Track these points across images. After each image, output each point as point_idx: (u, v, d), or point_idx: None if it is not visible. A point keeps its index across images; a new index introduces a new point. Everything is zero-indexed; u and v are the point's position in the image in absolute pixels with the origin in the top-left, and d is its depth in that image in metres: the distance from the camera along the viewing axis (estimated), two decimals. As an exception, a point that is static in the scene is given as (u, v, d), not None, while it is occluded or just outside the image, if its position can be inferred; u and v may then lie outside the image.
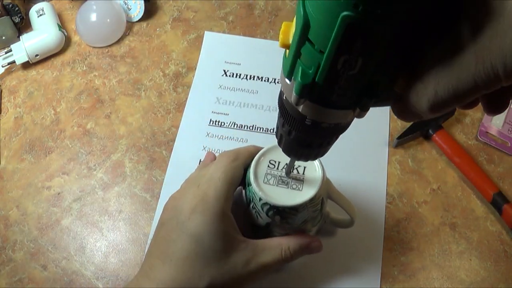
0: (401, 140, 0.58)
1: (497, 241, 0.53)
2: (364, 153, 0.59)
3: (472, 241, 0.53)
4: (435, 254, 0.53)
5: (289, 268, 0.51)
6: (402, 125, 0.61)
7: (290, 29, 0.24)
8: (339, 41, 0.19)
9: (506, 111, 0.60)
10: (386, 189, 0.56)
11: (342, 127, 0.28)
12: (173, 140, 0.60)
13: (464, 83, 0.19)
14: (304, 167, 0.45)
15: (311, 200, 0.43)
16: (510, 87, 0.23)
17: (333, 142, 0.32)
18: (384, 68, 0.22)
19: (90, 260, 0.53)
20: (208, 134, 0.61)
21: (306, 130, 0.28)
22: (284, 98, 0.28)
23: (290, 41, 0.24)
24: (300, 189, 0.43)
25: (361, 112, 0.25)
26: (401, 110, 0.24)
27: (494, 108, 0.25)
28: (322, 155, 0.34)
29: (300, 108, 0.26)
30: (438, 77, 0.20)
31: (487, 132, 0.60)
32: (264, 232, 0.48)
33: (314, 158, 0.35)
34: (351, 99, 0.24)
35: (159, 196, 0.56)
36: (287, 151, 0.34)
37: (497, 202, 0.53)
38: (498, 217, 0.54)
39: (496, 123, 0.60)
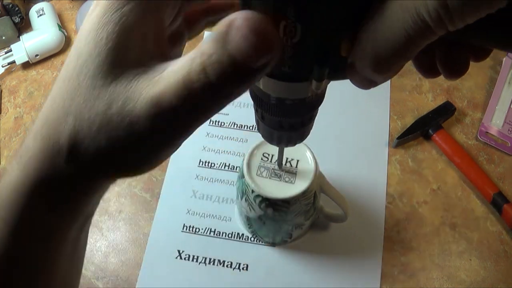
0: (401, 140, 0.58)
1: (497, 241, 0.53)
2: (364, 153, 0.59)
3: (472, 241, 0.53)
4: (435, 254, 0.53)
5: (289, 268, 0.51)
6: (402, 125, 0.61)
7: None
8: (272, 7, 0.20)
9: (506, 111, 0.61)
10: (386, 189, 0.56)
11: (308, 104, 0.28)
12: (173, 140, 0.60)
13: (397, 36, 0.19)
14: (297, 161, 0.45)
15: (304, 193, 0.43)
16: (460, 44, 0.23)
17: (308, 124, 0.32)
18: (325, 34, 0.22)
19: (90, 260, 0.53)
20: (208, 134, 0.61)
21: (274, 109, 0.29)
22: None
23: None
24: (293, 182, 0.44)
25: (317, 83, 0.25)
26: (354, 78, 0.24)
27: (451, 69, 0.23)
28: (300, 138, 0.34)
29: (261, 85, 0.27)
30: (374, 34, 0.20)
31: (487, 132, 0.60)
32: (257, 224, 0.49)
33: (293, 142, 0.34)
34: (302, 69, 0.24)
35: (159, 196, 0.56)
36: (264, 136, 0.35)
37: (497, 202, 0.53)
38: (498, 217, 0.54)
39: (496, 123, 0.60)
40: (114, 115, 0.20)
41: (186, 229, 0.54)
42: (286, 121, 0.31)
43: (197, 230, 0.54)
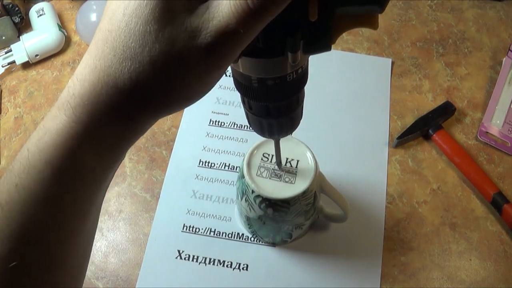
0: (401, 140, 0.58)
1: (497, 241, 0.53)
2: (364, 153, 0.59)
3: (472, 241, 0.53)
4: (435, 254, 0.53)
5: (289, 268, 0.51)
6: (402, 125, 0.61)
7: None
8: None
9: (506, 111, 0.61)
10: (386, 189, 0.56)
11: (290, 84, 0.28)
12: (173, 140, 0.60)
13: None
14: (297, 161, 0.45)
15: (304, 193, 0.43)
16: None
17: (296, 109, 0.32)
18: (291, 2, 0.22)
19: (90, 260, 0.53)
20: (208, 134, 0.61)
21: (258, 93, 0.29)
22: (231, 67, 0.29)
23: None
24: (293, 182, 0.44)
25: (293, 55, 0.25)
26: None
27: None
28: (290, 127, 0.34)
29: (241, 68, 0.27)
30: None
31: (487, 132, 0.60)
32: (257, 224, 0.49)
33: (285, 132, 0.34)
34: (274, 41, 0.24)
35: (159, 196, 0.56)
36: (255, 128, 0.34)
37: (497, 202, 0.53)
38: (498, 217, 0.54)
39: (496, 123, 0.60)
40: (179, 53, 0.22)
41: (186, 229, 0.54)
42: (273, 106, 0.30)
43: (197, 230, 0.54)
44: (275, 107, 0.31)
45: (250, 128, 0.63)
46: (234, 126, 0.61)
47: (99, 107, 0.24)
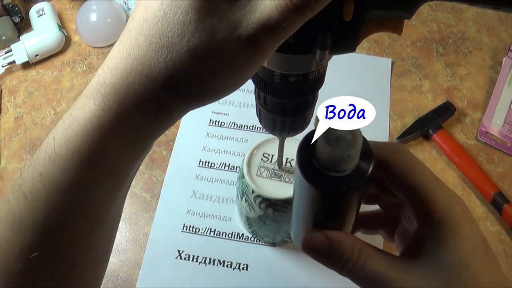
0: (401, 140, 0.58)
1: (497, 241, 0.53)
2: (364, 153, 0.59)
3: (472, 241, 0.53)
4: (435, 254, 0.52)
5: (289, 268, 0.51)
6: (402, 125, 0.61)
7: None
8: None
9: (506, 111, 0.61)
10: (386, 189, 0.56)
11: (311, 83, 0.29)
12: (173, 140, 0.60)
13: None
14: None
15: None
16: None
17: (311, 107, 0.32)
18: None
19: (90, 260, 0.53)
20: (208, 134, 0.61)
21: (278, 89, 0.29)
22: None
23: None
24: (293, 182, 0.44)
25: (321, 53, 0.25)
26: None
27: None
28: (302, 126, 0.34)
29: (265, 62, 0.27)
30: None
31: (487, 132, 0.60)
32: (257, 224, 0.48)
33: (295, 130, 0.34)
34: (306, 38, 0.24)
35: (159, 196, 0.56)
36: (267, 125, 0.34)
37: (497, 202, 0.53)
38: (498, 217, 0.54)
39: (496, 123, 0.60)
40: (219, 44, 0.22)
41: (186, 229, 0.54)
42: (290, 103, 0.31)
43: (197, 230, 0.54)
44: (292, 105, 0.31)
45: (250, 128, 0.63)
46: (234, 126, 0.61)
47: (130, 96, 0.23)
